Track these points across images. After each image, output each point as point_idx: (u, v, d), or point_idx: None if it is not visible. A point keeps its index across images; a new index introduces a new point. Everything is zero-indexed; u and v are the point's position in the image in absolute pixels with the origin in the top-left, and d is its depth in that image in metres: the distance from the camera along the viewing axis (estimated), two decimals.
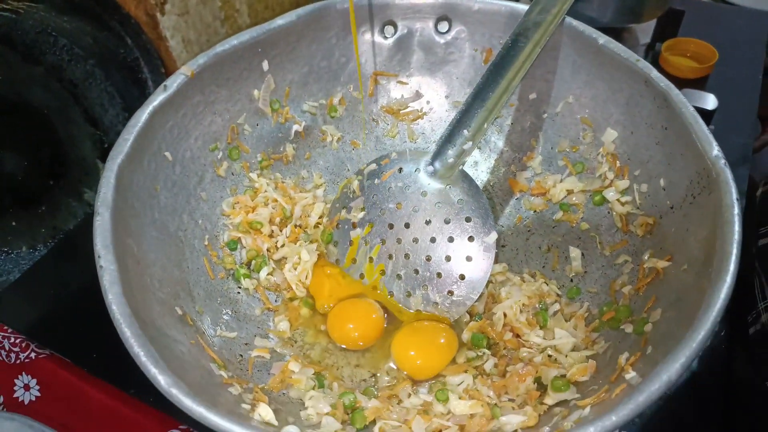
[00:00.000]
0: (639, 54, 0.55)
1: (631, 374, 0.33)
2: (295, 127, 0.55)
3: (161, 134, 0.45)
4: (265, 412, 0.34)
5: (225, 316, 0.44)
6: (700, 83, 0.76)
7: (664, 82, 0.43)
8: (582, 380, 0.37)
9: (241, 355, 0.42)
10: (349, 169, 0.57)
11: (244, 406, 0.34)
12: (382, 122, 0.58)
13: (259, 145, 0.53)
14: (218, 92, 0.49)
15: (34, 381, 0.56)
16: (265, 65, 0.52)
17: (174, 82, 0.45)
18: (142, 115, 0.43)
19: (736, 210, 0.34)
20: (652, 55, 0.80)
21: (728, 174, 0.36)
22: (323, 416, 0.37)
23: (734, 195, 0.35)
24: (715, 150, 0.38)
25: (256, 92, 0.52)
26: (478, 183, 0.56)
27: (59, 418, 0.53)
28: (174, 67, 0.70)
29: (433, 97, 0.58)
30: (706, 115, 0.67)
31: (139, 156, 0.42)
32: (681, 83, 0.74)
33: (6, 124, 0.65)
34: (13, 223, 0.65)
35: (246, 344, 0.43)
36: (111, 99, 0.66)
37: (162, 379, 0.29)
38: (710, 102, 0.67)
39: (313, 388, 0.40)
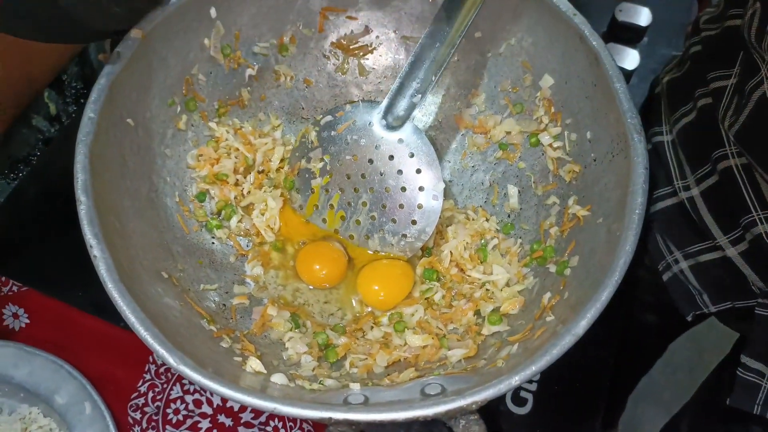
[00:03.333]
0: None
1: (550, 317, 0.41)
2: (249, 71, 0.56)
3: (121, 102, 0.46)
4: (255, 364, 0.41)
5: (204, 269, 0.49)
6: None
7: (596, 41, 0.47)
8: (512, 313, 0.46)
9: (224, 305, 0.48)
10: (303, 108, 0.60)
11: (235, 359, 0.41)
12: (333, 58, 0.60)
13: (214, 93, 0.55)
14: (169, 46, 0.49)
15: (22, 310, 0.59)
16: (213, 12, 0.51)
17: (127, 48, 0.45)
18: (102, 89, 0.43)
19: (644, 179, 0.41)
20: None
21: (640, 144, 0.42)
22: (302, 355, 0.44)
23: (644, 164, 0.41)
24: (631, 119, 0.43)
25: (206, 41, 0.52)
26: (427, 118, 0.60)
27: (52, 340, 0.57)
28: None
29: (382, 32, 0.59)
30: (639, 32, 0.71)
31: (104, 131, 0.44)
32: None
33: None
34: None
35: (226, 293, 0.49)
36: None
37: (171, 358, 0.35)
38: (644, 17, 0.71)
39: (291, 330, 0.47)
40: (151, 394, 0.56)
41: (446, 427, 0.36)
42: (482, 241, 0.52)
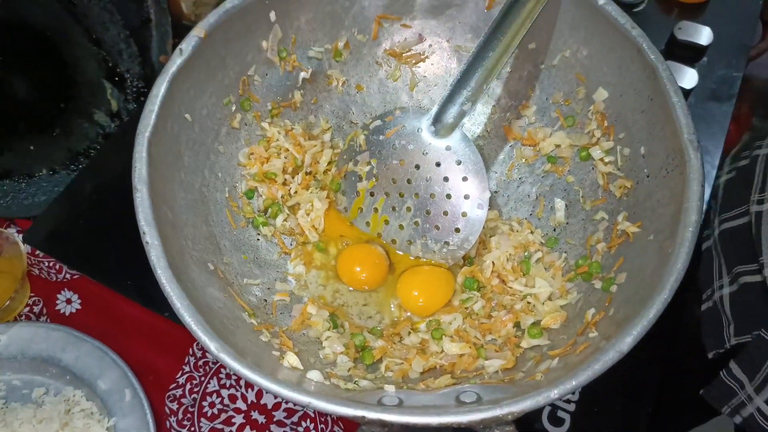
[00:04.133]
0: None
1: (594, 333, 0.40)
2: (302, 74, 0.57)
3: (180, 98, 0.47)
4: (292, 359, 0.41)
5: (249, 264, 0.50)
6: (699, 9, 0.76)
7: (654, 55, 0.46)
8: (554, 327, 0.45)
9: (266, 300, 0.49)
10: (353, 112, 0.60)
11: (273, 353, 0.42)
12: (385, 65, 0.60)
13: (269, 94, 0.56)
14: (229, 47, 0.51)
15: (76, 296, 0.62)
16: (272, 16, 0.53)
17: (189, 45, 0.47)
18: (163, 83, 0.45)
19: (700, 196, 0.39)
20: None
21: (697, 161, 0.40)
22: (338, 355, 0.45)
23: (699, 181, 0.40)
24: (688, 134, 0.42)
25: (264, 43, 0.54)
26: (476, 128, 0.59)
27: (99, 327, 0.60)
28: None
29: (435, 41, 0.60)
30: (699, 50, 0.69)
31: (162, 124, 0.45)
32: (681, 9, 0.75)
33: (11, 49, 0.66)
34: (31, 147, 0.69)
35: (268, 289, 0.50)
36: (111, 16, 0.67)
37: (212, 345, 0.36)
38: (705, 37, 0.69)
39: (329, 329, 0.47)
40: (188, 386, 0.58)
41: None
42: (526, 253, 0.51)
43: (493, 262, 0.50)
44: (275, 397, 0.56)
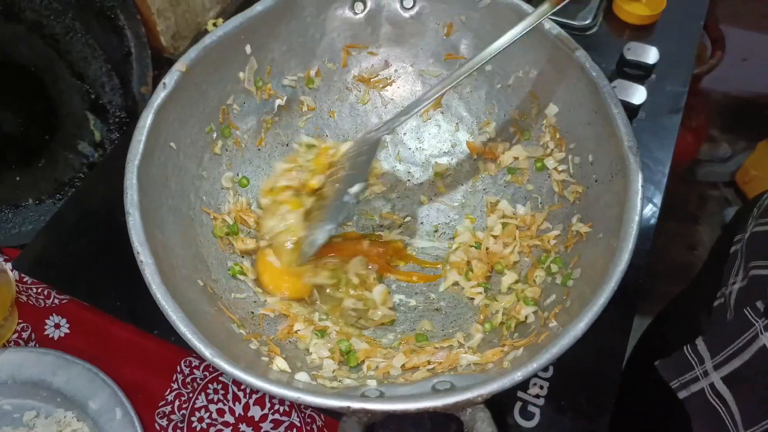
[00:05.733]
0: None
1: (553, 323, 0.44)
2: (278, 102, 0.61)
3: (165, 128, 0.51)
4: (281, 363, 0.44)
5: (235, 280, 0.53)
6: (648, 30, 0.82)
7: (596, 72, 0.51)
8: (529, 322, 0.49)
9: (252, 312, 0.52)
10: (327, 135, 0.65)
11: (263, 359, 0.45)
12: (355, 90, 0.65)
13: (247, 121, 0.60)
14: (209, 80, 0.55)
15: (64, 320, 0.63)
16: (248, 48, 0.57)
17: (172, 79, 0.51)
18: (149, 115, 0.49)
19: (640, 196, 0.44)
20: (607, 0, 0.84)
21: (636, 166, 0.45)
22: (324, 359, 0.48)
23: (639, 183, 0.45)
24: (628, 142, 0.47)
25: (241, 74, 0.58)
26: (442, 144, 0.64)
27: (88, 349, 0.61)
28: (148, 13, 0.73)
29: (400, 66, 0.65)
30: (647, 69, 0.74)
31: (150, 153, 0.49)
32: (631, 30, 0.81)
33: None
34: (18, 178, 0.70)
35: (254, 302, 0.53)
36: (93, 51, 0.70)
37: (207, 352, 0.39)
38: (652, 56, 0.74)
39: (315, 337, 0.51)
40: (177, 403, 0.59)
41: (455, 419, 0.39)
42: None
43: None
44: (262, 409, 0.59)
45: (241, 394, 0.59)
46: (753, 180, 1.60)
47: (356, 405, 0.36)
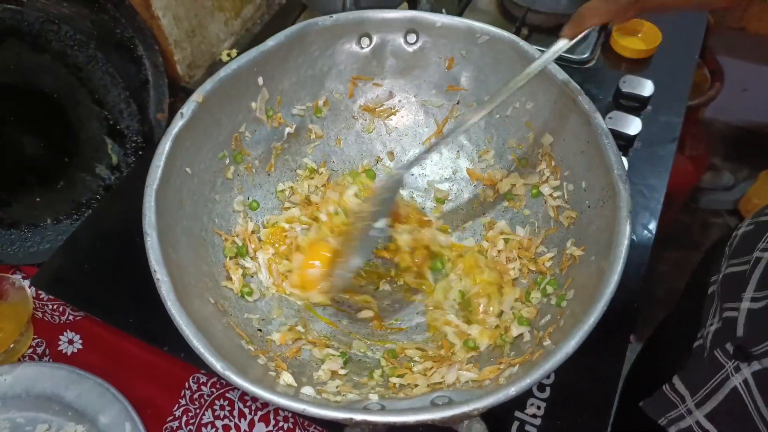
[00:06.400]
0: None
1: (547, 342, 0.46)
2: (287, 130, 0.65)
3: (181, 154, 0.54)
4: (287, 378, 0.47)
5: (244, 299, 0.56)
6: (644, 63, 0.85)
7: (588, 105, 0.54)
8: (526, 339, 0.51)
9: (260, 330, 0.54)
10: (334, 161, 0.68)
11: (270, 374, 0.47)
12: (360, 119, 0.68)
13: (258, 147, 0.63)
14: (223, 109, 0.58)
15: (78, 336, 0.66)
16: (260, 80, 0.60)
17: (189, 109, 0.54)
18: (167, 142, 0.52)
19: (628, 222, 0.47)
20: (604, 35, 0.87)
21: (625, 192, 0.48)
22: (329, 377, 0.50)
23: (627, 209, 0.47)
24: (618, 170, 0.49)
25: (253, 104, 0.61)
26: (444, 171, 0.67)
27: (100, 365, 0.63)
28: (166, 44, 0.77)
29: (403, 97, 0.68)
30: (642, 101, 0.77)
31: (167, 177, 0.52)
32: (628, 63, 0.84)
33: (22, 111, 0.71)
34: (38, 199, 0.73)
35: (263, 320, 0.55)
36: (113, 79, 0.73)
37: (219, 365, 0.41)
38: (647, 89, 0.78)
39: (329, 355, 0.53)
40: (185, 418, 0.61)
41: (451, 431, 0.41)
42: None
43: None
44: (266, 426, 0.61)
45: (246, 410, 0.60)
46: (756, 209, 1.62)
47: (359, 417, 0.39)
